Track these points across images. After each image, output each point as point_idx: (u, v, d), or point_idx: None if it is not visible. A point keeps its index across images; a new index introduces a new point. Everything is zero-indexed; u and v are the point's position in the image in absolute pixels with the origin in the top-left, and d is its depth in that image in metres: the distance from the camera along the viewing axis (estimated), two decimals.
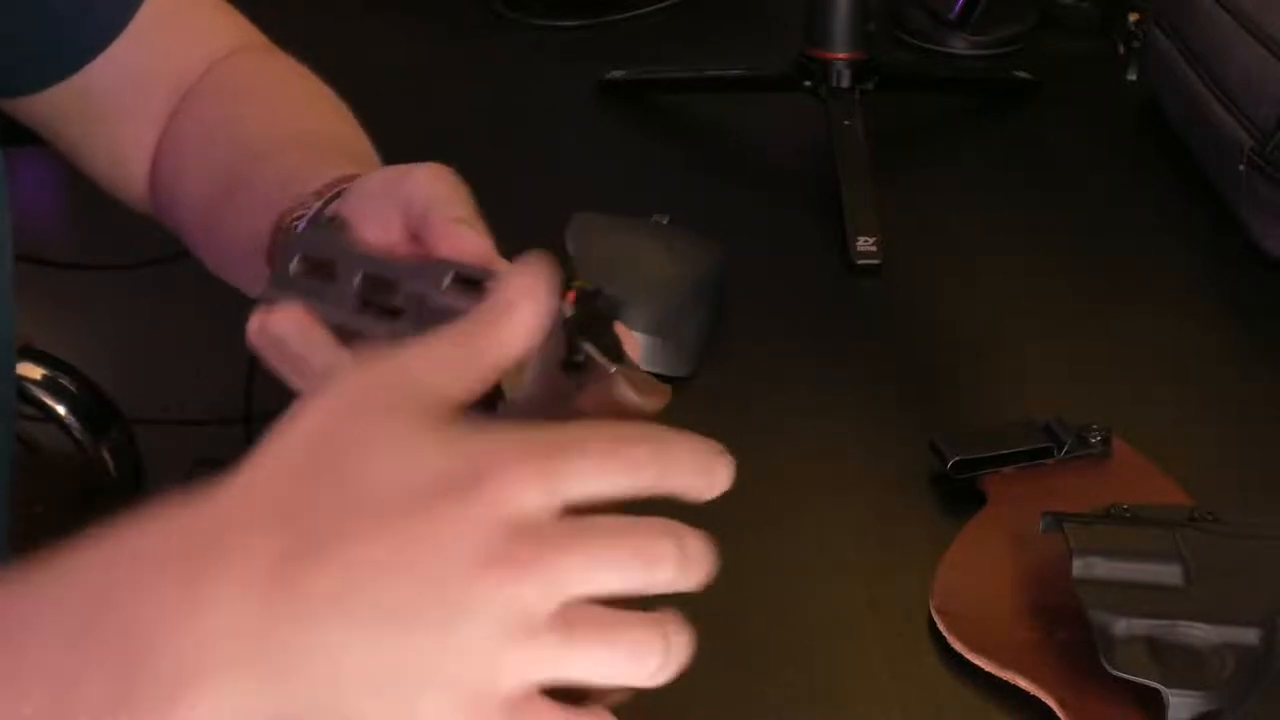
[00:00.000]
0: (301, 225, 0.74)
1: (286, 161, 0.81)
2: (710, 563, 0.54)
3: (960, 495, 0.82)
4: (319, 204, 0.74)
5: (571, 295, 0.59)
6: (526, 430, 0.53)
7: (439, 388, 0.54)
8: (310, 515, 0.51)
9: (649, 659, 0.53)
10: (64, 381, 1.41)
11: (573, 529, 0.51)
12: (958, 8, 1.28)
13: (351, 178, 0.75)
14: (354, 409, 0.53)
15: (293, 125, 0.86)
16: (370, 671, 0.50)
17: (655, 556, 0.52)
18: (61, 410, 1.41)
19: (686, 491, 0.55)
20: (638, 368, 0.59)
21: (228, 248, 0.83)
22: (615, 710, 0.59)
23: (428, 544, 0.50)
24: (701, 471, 0.55)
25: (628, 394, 0.58)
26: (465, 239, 0.63)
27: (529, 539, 0.50)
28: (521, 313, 0.55)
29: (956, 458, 0.83)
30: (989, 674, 0.72)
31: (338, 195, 0.75)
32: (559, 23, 1.38)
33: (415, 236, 0.65)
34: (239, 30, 0.92)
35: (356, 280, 0.63)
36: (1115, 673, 0.68)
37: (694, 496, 0.55)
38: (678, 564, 0.53)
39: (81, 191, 0.99)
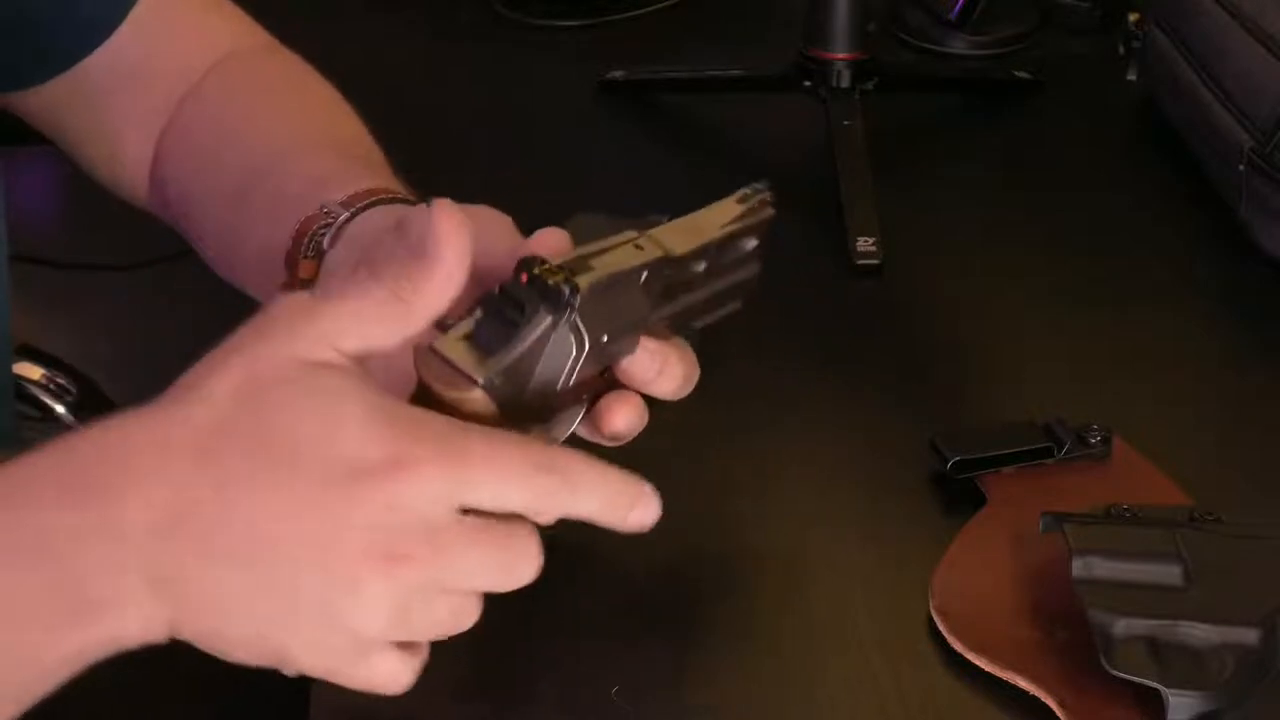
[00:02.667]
0: (327, 238, 0.75)
1: (312, 164, 0.81)
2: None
3: (960, 495, 0.82)
4: (345, 215, 0.75)
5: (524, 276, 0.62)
6: (445, 426, 0.58)
7: (369, 341, 0.59)
8: (227, 458, 0.57)
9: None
10: (64, 381, 1.41)
11: (469, 532, 0.57)
12: (958, 8, 1.28)
13: (377, 191, 0.76)
14: (283, 360, 0.58)
15: (309, 127, 0.86)
16: (250, 614, 0.57)
17: (518, 571, 0.59)
18: (61, 410, 1.40)
19: (595, 521, 0.61)
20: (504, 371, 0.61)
21: (241, 248, 0.83)
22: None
23: (328, 515, 0.56)
24: (612, 509, 0.61)
25: (423, 370, 0.61)
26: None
27: (418, 538, 0.56)
28: (446, 264, 0.60)
29: (956, 458, 0.83)
30: (989, 674, 0.72)
31: (366, 208, 0.75)
32: (559, 23, 1.38)
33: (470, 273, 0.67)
34: (240, 27, 0.92)
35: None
36: (1115, 673, 0.68)
37: (609, 526, 0.62)
38: (530, 576, 0.60)
39: (81, 191, 0.99)
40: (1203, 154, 1.12)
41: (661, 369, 0.67)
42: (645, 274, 0.66)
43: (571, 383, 0.64)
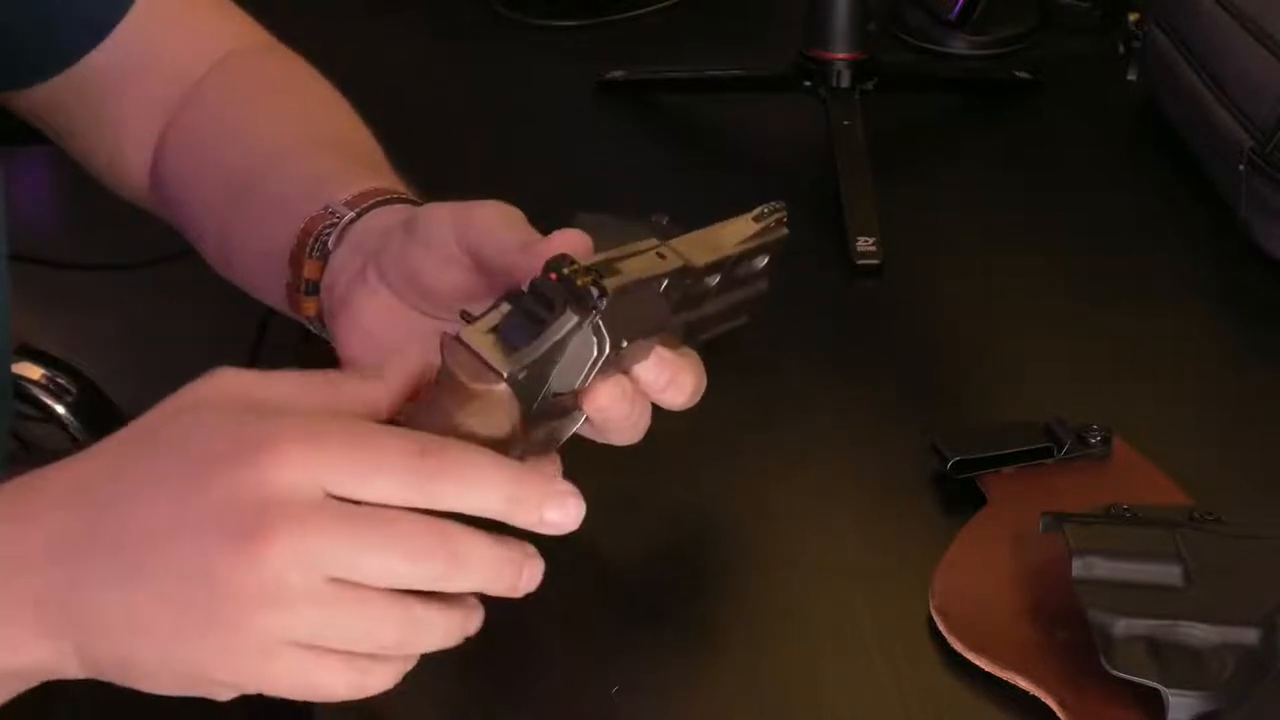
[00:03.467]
0: (332, 238, 0.75)
1: (314, 163, 0.81)
2: (500, 572, 0.58)
3: (960, 495, 0.82)
4: (351, 215, 0.75)
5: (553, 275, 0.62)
6: (307, 414, 0.57)
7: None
8: (95, 487, 0.57)
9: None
10: (64, 381, 1.41)
11: (336, 512, 0.55)
12: (958, 8, 1.28)
13: (382, 191, 0.76)
14: (191, 404, 0.58)
15: (310, 126, 0.86)
16: (146, 630, 0.56)
17: (417, 551, 0.56)
18: (61, 410, 1.40)
19: (504, 519, 0.58)
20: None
21: (241, 248, 0.83)
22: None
23: (190, 505, 0.55)
24: (518, 504, 0.58)
25: (449, 357, 0.60)
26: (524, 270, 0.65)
27: (279, 515, 0.54)
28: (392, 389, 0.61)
29: (956, 458, 0.83)
30: (989, 674, 0.72)
31: (370, 208, 0.75)
32: (559, 23, 1.38)
33: (481, 269, 0.68)
34: (241, 27, 0.92)
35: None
36: (1115, 673, 0.68)
37: (522, 525, 0.58)
38: (445, 562, 0.56)
39: (81, 191, 0.99)
40: (1203, 154, 1.12)
41: (672, 378, 0.67)
42: (666, 282, 0.66)
43: (587, 384, 0.64)
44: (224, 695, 0.58)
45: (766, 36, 1.31)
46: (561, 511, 0.58)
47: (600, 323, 0.62)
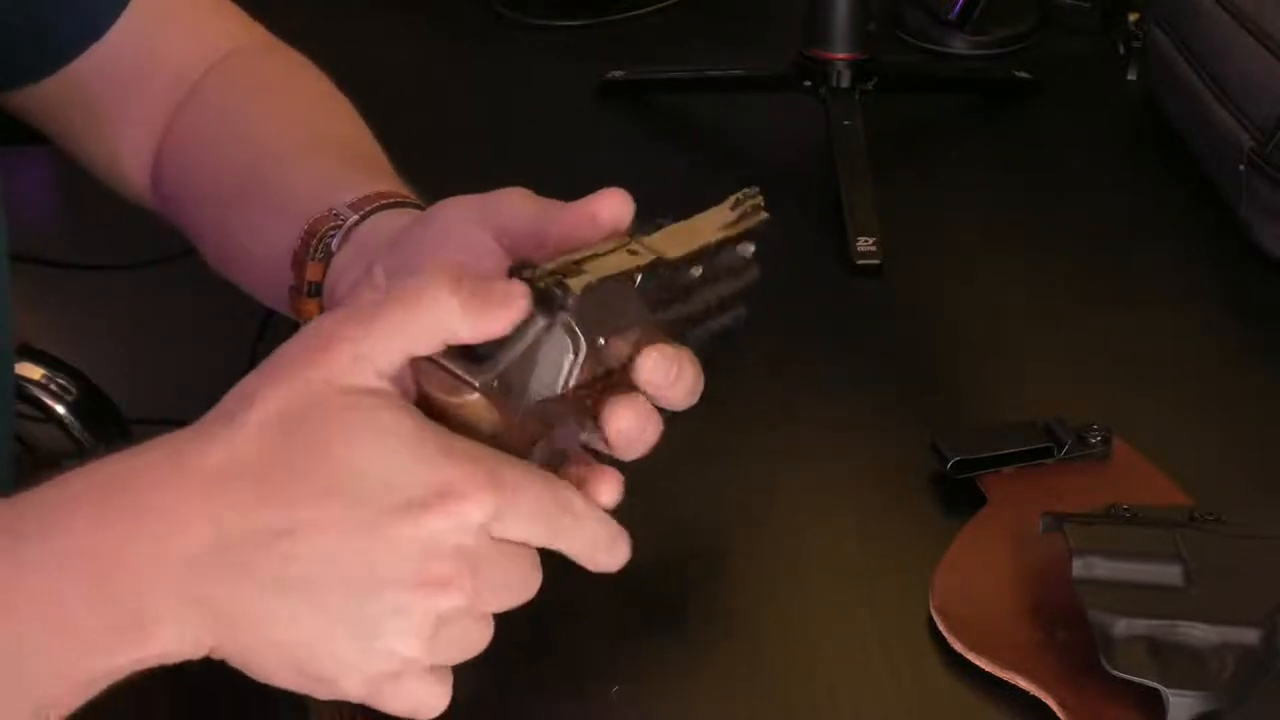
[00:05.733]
0: (336, 240, 0.75)
1: (317, 166, 0.81)
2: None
3: (960, 495, 0.82)
4: (355, 218, 0.75)
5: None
6: (486, 458, 0.60)
7: (404, 354, 0.61)
8: (286, 494, 0.59)
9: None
10: (63, 381, 1.41)
11: (491, 559, 0.61)
12: (958, 8, 1.28)
13: (387, 194, 0.77)
14: (325, 388, 0.60)
15: (312, 127, 0.86)
16: (293, 638, 0.60)
17: (527, 592, 0.63)
18: (61, 410, 1.40)
19: (570, 556, 0.64)
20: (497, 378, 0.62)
21: (241, 249, 0.83)
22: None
23: (381, 547, 0.59)
24: (592, 548, 0.64)
25: (422, 379, 0.62)
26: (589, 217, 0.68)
27: (459, 563, 0.60)
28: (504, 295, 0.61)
29: (956, 458, 0.83)
30: (989, 674, 0.72)
31: (374, 211, 0.75)
32: (559, 23, 1.38)
33: (510, 244, 0.69)
34: (239, 26, 0.92)
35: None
36: (1115, 673, 0.68)
37: (578, 561, 0.65)
38: (531, 595, 0.63)
39: (81, 191, 0.99)
40: (1203, 154, 1.12)
41: (676, 375, 0.67)
42: (639, 278, 0.66)
43: (570, 385, 0.64)
44: (327, 696, 0.62)
45: (766, 36, 1.31)
46: (612, 555, 0.65)
47: (572, 322, 0.62)
